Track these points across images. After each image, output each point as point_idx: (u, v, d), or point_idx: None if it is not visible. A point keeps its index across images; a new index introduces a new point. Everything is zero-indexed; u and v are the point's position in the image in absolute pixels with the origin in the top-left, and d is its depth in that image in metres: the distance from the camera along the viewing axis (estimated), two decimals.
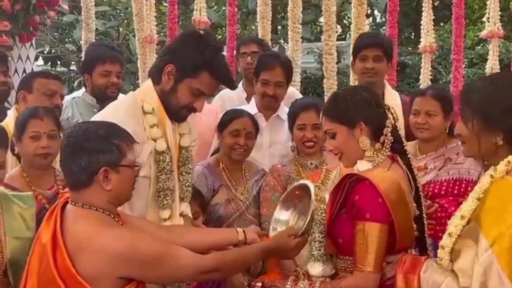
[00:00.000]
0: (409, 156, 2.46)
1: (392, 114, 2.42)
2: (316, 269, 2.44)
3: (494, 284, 1.89)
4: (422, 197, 2.50)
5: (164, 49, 3.06)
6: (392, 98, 3.56)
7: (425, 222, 2.49)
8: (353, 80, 4.83)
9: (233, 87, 2.91)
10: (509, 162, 1.99)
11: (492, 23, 4.97)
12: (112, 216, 2.17)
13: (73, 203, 2.16)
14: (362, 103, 2.40)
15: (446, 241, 2.04)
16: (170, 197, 2.57)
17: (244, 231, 2.54)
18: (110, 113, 2.55)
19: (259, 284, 2.44)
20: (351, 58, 3.89)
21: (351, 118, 2.37)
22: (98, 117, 2.58)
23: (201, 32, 2.73)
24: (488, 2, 5.01)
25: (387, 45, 3.77)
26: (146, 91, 2.58)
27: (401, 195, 2.28)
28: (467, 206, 2.01)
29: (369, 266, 2.22)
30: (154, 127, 2.52)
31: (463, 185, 3.08)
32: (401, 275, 2.19)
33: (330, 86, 4.92)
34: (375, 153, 2.37)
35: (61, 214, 2.17)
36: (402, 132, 3.04)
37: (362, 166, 2.35)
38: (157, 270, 2.13)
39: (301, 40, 5.32)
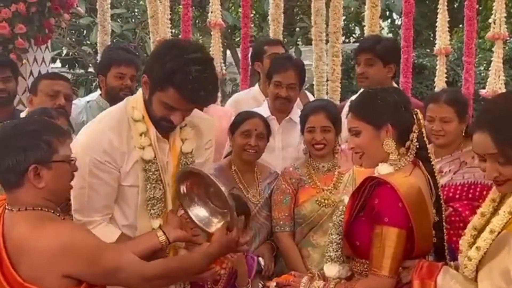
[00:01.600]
0: (432, 163, 2.42)
1: (419, 120, 2.39)
2: (332, 270, 2.42)
3: None
4: (442, 204, 2.47)
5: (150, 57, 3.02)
6: None
7: (444, 229, 2.47)
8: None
9: (203, 104, 2.68)
10: None
11: (497, 25, 4.92)
12: (53, 211, 2.11)
13: (8, 209, 2.10)
14: (392, 105, 2.36)
15: (473, 254, 2.03)
16: (159, 207, 2.52)
17: (164, 232, 2.46)
18: (91, 125, 2.56)
19: (273, 284, 2.44)
20: None
21: (378, 119, 2.33)
22: (83, 127, 2.59)
23: (177, 41, 2.64)
24: (494, 4, 4.97)
25: (382, 49, 3.66)
26: (137, 98, 2.53)
27: (422, 201, 2.26)
28: (498, 221, 2.00)
29: (384, 271, 2.21)
30: (142, 136, 2.46)
31: (478, 189, 3.05)
32: (418, 280, 2.18)
33: (335, 88, 4.89)
34: (399, 157, 2.34)
35: (2, 219, 2.11)
36: None
37: (383, 169, 2.32)
38: (97, 267, 2.06)
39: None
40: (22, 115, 3.30)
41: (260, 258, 3.13)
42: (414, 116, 2.39)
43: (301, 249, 3.16)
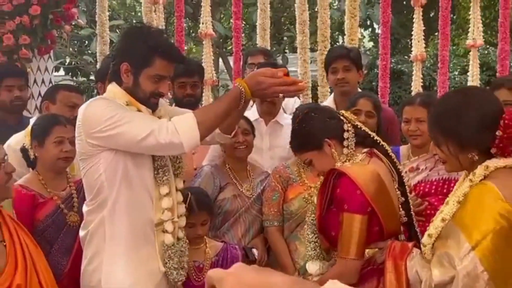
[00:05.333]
0: (382, 144, 2.43)
1: (347, 118, 2.42)
2: (313, 267, 2.44)
3: (477, 285, 1.88)
4: (406, 184, 2.48)
5: (112, 53, 3.04)
6: None
7: (411, 207, 2.47)
8: None
9: (183, 60, 2.79)
10: (487, 167, 1.99)
11: (474, 34, 5.01)
12: None
13: None
14: (318, 124, 2.40)
15: (426, 240, 2.04)
16: (168, 174, 2.54)
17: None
18: (105, 102, 2.48)
19: None
20: None
21: (315, 142, 2.38)
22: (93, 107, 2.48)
23: (136, 27, 2.73)
24: (471, 14, 5.05)
25: (355, 55, 3.79)
26: (114, 92, 2.51)
27: (382, 185, 2.27)
28: (448, 209, 2.01)
29: (351, 255, 2.22)
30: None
31: (452, 185, 3.04)
32: (391, 260, 2.18)
33: (324, 93, 4.92)
34: (347, 157, 2.35)
35: None
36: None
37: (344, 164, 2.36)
38: None
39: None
40: (32, 121, 3.30)
41: (254, 249, 3.15)
42: (342, 117, 2.41)
43: (289, 243, 3.17)
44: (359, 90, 3.87)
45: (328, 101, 3.91)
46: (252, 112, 3.60)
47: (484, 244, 1.88)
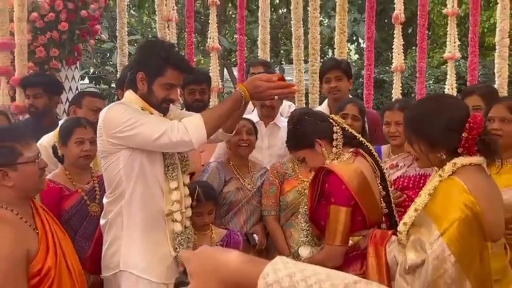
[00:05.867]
0: (366, 144, 2.43)
1: (337, 121, 2.41)
2: (305, 252, 2.43)
3: (445, 267, 1.88)
4: (388, 181, 2.47)
5: (129, 63, 3.03)
6: None
7: (392, 200, 2.47)
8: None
9: (193, 71, 2.80)
10: (454, 164, 1.99)
11: (450, 47, 5.01)
12: (16, 212, 2.01)
13: None
14: (310, 125, 2.39)
15: (401, 228, 2.03)
16: (176, 170, 2.53)
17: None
18: (123, 106, 2.48)
19: None
20: None
21: (308, 141, 2.37)
22: (117, 112, 2.44)
23: (151, 40, 2.70)
24: (448, 31, 5.04)
25: (345, 67, 3.79)
26: (131, 98, 2.51)
27: (364, 181, 2.26)
28: (420, 201, 2.00)
29: (337, 242, 2.21)
30: None
31: (427, 180, 3.04)
32: (372, 246, 2.18)
33: (314, 99, 4.92)
34: (335, 155, 2.34)
35: None
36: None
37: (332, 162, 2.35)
38: None
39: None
40: (60, 122, 3.29)
41: (255, 235, 3.15)
42: (332, 120, 2.41)
43: (285, 230, 3.16)
44: (350, 96, 3.85)
45: (323, 107, 3.89)
46: (253, 115, 3.59)
47: (451, 231, 1.87)
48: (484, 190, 1.97)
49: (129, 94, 2.53)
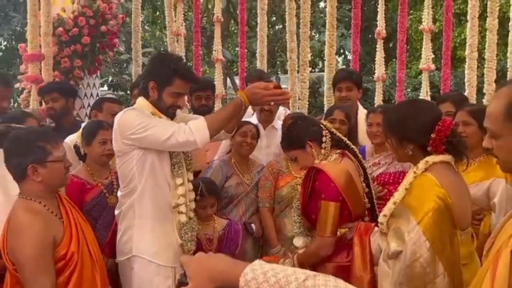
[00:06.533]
0: (352, 147, 2.43)
1: (326, 126, 2.41)
2: (299, 242, 2.43)
3: (421, 251, 1.89)
4: (370, 178, 2.48)
5: (142, 73, 3.02)
6: (362, 115, 3.53)
7: (374, 196, 2.47)
8: (326, 102, 4.85)
9: (198, 81, 2.79)
10: (427, 162, 2.00)
11: (425, 59, 5.01)
12: (44, 204, 2.01)
13: (18, 195, 2.04)
14: (302, 129, 2.39)
15: (382, 219, 2.04)
16: (182, 168, 2.53)
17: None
18: (135, 112, 2.47)
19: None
20: (324, 86, 3.85)
21: (300, 142, 2.37)
22: (132, 118, 2.43)
23: (164, 52, 2.69)
24: (423, 46, 5.05)
25: (356, 78, 3.74)
26: (142, 105, 2.51)
27: (350, 179, 2.26)
28: (398, 195, 2.00)
29: (327, 233, 2.21)
30: None
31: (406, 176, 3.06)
32: (357, 237, 2.20)
33: (303, 105, 4.91)
34: (324, 156, 2.34)
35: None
36: (365, 134, 3.17)
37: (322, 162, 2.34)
38: (21, 270, 1.91)
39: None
40: (82, 125, 3.30)
41: (253, 224, 3.15)
42: (322, 125, 2.40)
43: (280, 219, 3.15)
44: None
45: None
46: (253, 119, 3.59)
47: (426, 220, 1.88)
48: (453, 184, 1.98)
49: (141, 101, 2.53)
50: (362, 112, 3.68)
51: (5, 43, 11.27)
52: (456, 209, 1.93)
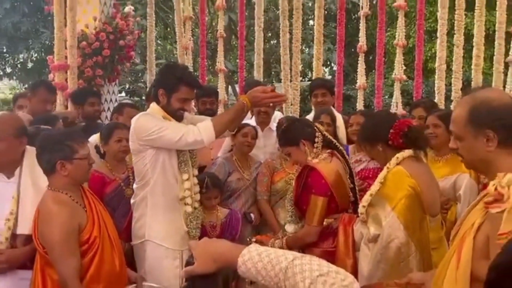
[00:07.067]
0: (340, 148, 2.44)
1: (319, 129, 2.41)
2: (290, 228, 2.45)
3: (396, 234, 1.90)
4: (354, 176, 2.50)
5: (153, 82, 3.02)
6: (339, 118, 3.52)
7: (357, 191, 2.49)
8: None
9: (202, 89, 2.75)
10: (397, 157, 2.04)
11: (397, 70, 5.04)
12: (70, 195, 2.01)
13: (47, 187, 2.04)
14: (297, 129, 2.40)
15: (361, 209, 2.06)
16: (188, 165, 2.53)
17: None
18: (149, 116, 2.47)
19: (254, 239, 2.43)
20: None
21: (294, 140, 2.37)
22: (146, 121, 2.44)
23: (171, 63, 2.68)
24: (397, 58, 5.06)
25: (330, 85, 3.79)
26: (154, 109, 2.50)
27: (339, 177, 2.28)
28: (374, 187, 2.04)
29: (314, 223, 2.22)
30: None
31: None
32: (342, 226, 2.21)
33: (295, 110, 4.91)
34: (315, 154, 2.34)
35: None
36: (341, 134, 3.19)
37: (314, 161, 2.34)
38: (51, 252, 1.92)
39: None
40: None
41: (252, 214, 3.14)
42: (316, 128, 2.41)
43: (275, 209, 3.15)
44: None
45: (311, 115, 3.87)
46: (252, 121, 3.57)
47: (399, 206, 1.92)
48: (422, 176, 2.01)
49: (153, 106, 2.53)
50: (337, 115, 3.70)
51: (36, 55, 11.28)
52: (425, 197, 1.96)
